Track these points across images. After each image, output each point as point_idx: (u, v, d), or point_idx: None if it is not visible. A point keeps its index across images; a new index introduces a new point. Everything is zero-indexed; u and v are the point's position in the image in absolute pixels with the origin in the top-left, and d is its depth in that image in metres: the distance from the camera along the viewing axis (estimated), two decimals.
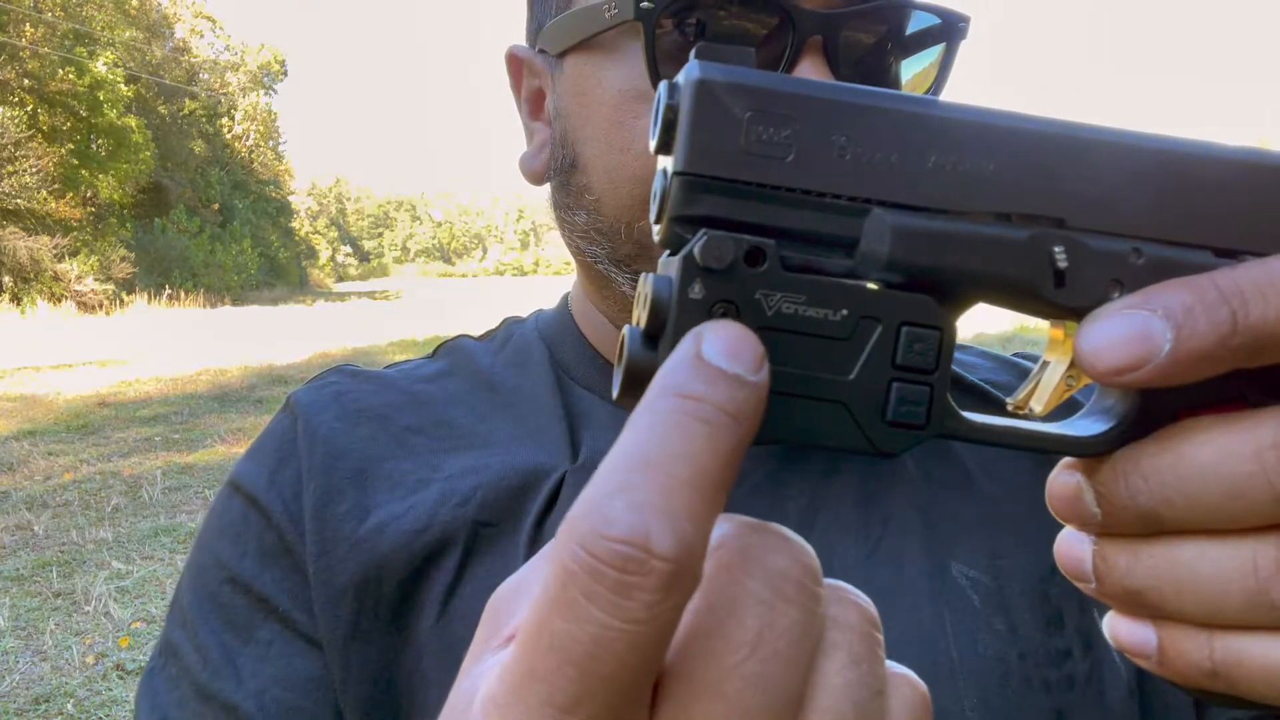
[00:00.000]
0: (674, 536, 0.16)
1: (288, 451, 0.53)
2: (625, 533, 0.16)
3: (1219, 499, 0.21)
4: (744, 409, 0.18)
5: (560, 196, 0.55)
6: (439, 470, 0.51)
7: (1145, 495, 0.22)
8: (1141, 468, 0.22)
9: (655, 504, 0.16)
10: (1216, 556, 0.21)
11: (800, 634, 0.18)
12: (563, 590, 0.16)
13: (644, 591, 0.16)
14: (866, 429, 0.22)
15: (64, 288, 20.98)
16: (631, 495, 0.16)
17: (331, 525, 0.50)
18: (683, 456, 0.17)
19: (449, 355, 0.61)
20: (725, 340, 0.19)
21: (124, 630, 3.37)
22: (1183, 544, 0.22)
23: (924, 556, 0.49)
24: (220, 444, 6.33)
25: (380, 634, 0.48)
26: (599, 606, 0.16)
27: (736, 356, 0.19)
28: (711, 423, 0.17)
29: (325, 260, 62.85)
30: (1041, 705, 0.46)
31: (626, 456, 0.17)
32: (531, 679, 0.16)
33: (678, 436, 0.17)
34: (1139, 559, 0.22)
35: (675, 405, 0.17)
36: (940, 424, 0.23)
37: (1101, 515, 0.23)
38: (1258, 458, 0.21)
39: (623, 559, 0.16)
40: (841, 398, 0.22)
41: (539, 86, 0.57)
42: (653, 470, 0.16)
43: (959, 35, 0.50)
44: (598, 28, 0.49)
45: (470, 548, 0.49)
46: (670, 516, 0.16)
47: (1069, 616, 0.49)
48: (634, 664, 0.16)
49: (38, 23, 22.85)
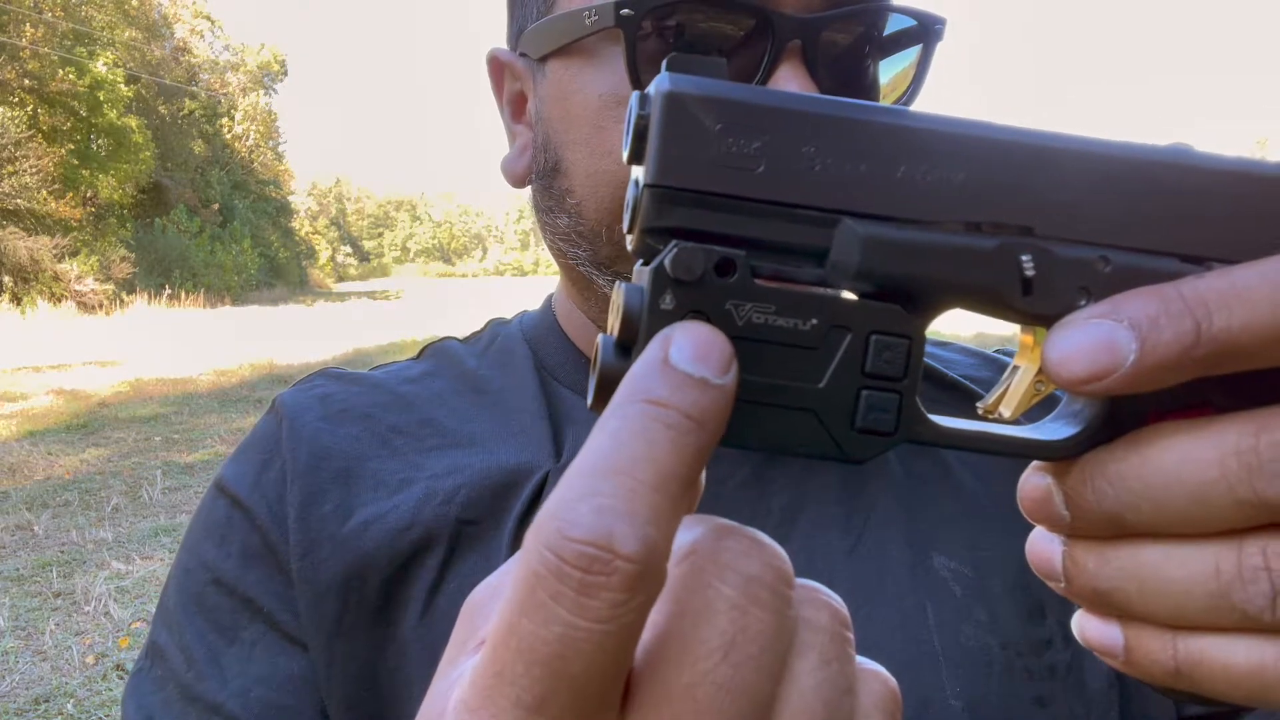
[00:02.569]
0: (637, 538, 0.16)
1: (272, 453, 0.54)
2: (589, 534, 0.16)
3: (1183, 504, 0.21)
4: (708, 413, 0.18)
5: (542, 199, 0.55)
6: (423, 470, 0.52)
7: (1111, 499, 0.22)
8: (1108, 473, 0.22)
9: (619, 507, 0.16)
10: (1181, 559, 0.22)
11: (772, 637, 0.18)
12: (530, 592, 0.16)
13: (609, 591, 0.16)
14: (836, 436, 0.23)
15: (64, 288, 20.98)
16: (596, 499, 0.16)
17: (315, 525, 0.50)
18: (646, 461, 0.17)
19: (434, 357, 0.61)
20: (693, 343, 0.19)
21: (124, 630, 3.37)
22: (1148, 547, 0.22)
23: (906, 549, 0.50)
24: (220, 444, 6.34)
25: (364, 632, 0.49)
26: (565, 607, 0.16)
27: (703, 359, 0.19)
28: (675, 427, 0.18)
29: (325, 260, 62.80)
30: (1023, 694, 0.47)
31: (591, 462, 0.17)
32: (500, 680, 0.16)
33: (642, 441, 0.17)
34: (1106, 560, 0.23)
35: (640, 411, 0.18)
36: (909, 430, 0.23)
37: (1070, 518, 0.23)
38: (1220, 464, 0.21)
39: (587, 560, 0.16)
40: (812, 405, 0.22)
41: (520, 89, 0.58)
42: (617, 475, 0.17)
43: (935, 37, 0.51)
44: (578, 34, 0.49)
45: (454, 546, 0.49)
46: (633, 519, 0.16)
47: (1049, 607, 0.49)
48: (601, 664, 0.16)
49: (38, 23, 22.84)
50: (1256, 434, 0.21)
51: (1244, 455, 0.21)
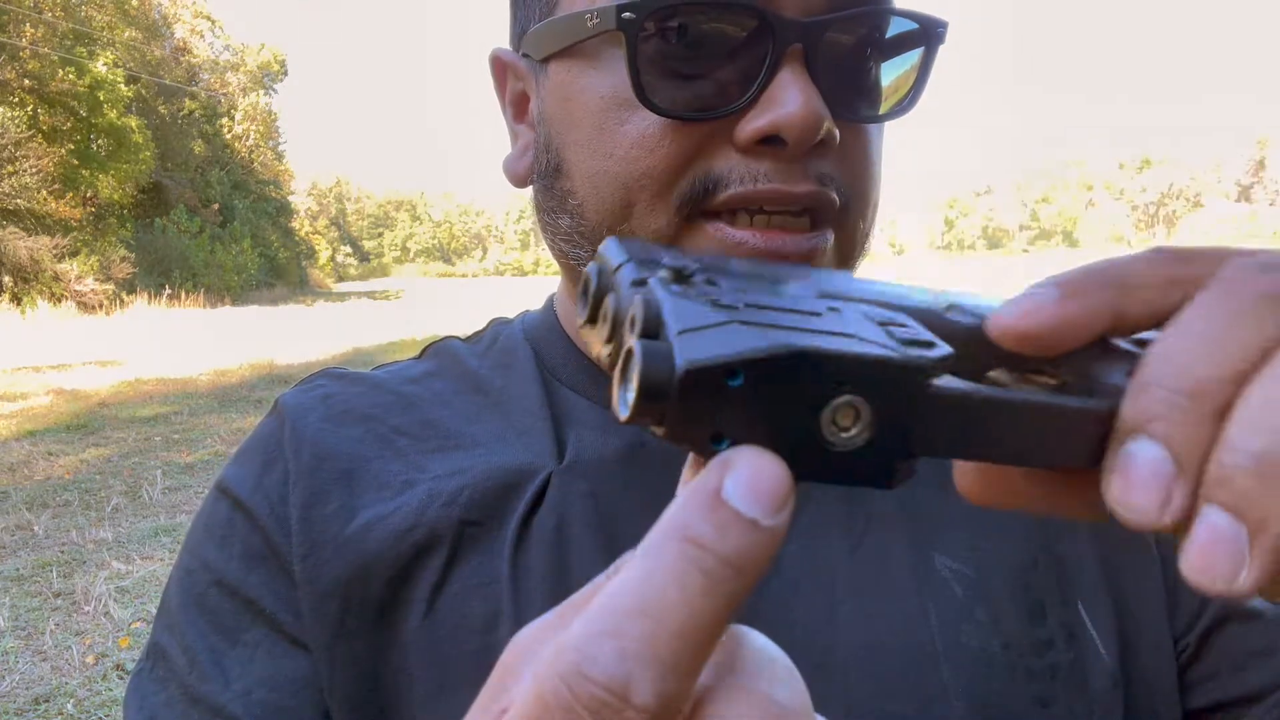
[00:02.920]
0: (655, 689, 0.16)
1: (274, 454, 0.54)
2: (606, 677, 0.16)
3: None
4: (750, 559, 0.18)
5: (544, 200, 0.55)
6: (425, 471, 0.52)
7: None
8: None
9: (641, 653, 0.16)
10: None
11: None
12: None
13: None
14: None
15: (64, 288, 20.98)
16: (619, 640, 0.16)
17: (318, 526, 0.50)
18: (678, 607, 0.17)
19: (436, 356, 0.61)
20: (750, 476, 0.18)
21: (124, 630, 3.37)
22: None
23: (907, 549, 0.50)
24: (220, 444, 6.34)
25: (367, 632, 0.49)
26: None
27: (758, 497, 0.18)
28: (712, 576, 0.17)
29: (325, 260, 62.81)
30: (1025, 694, 0.47)
31: (623, 598, 0.17)
32: None
33: (676, 586, 0.17)
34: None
35: (679, 551, 0.17)
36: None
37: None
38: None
39: (599, 704, 0.16)
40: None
41: (522, 90, 0.58)
42: (645, 618, 0.16)
43: (937, 40, 0.51)
44: (580, 36, 0.49)
45: (456, 547, 0.49)
46: (655, 667, 0.16)
47: (1051, 608, 0.49)
48: None
49: (38, 23, 22.84)
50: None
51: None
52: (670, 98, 0.47)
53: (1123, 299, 0.22)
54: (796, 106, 0.45)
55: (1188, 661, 0.52)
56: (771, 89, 0.46)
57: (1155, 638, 0.51)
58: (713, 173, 0.48)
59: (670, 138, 0.47)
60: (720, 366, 0.19)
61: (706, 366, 0.19)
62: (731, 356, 0.19)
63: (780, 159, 0.47)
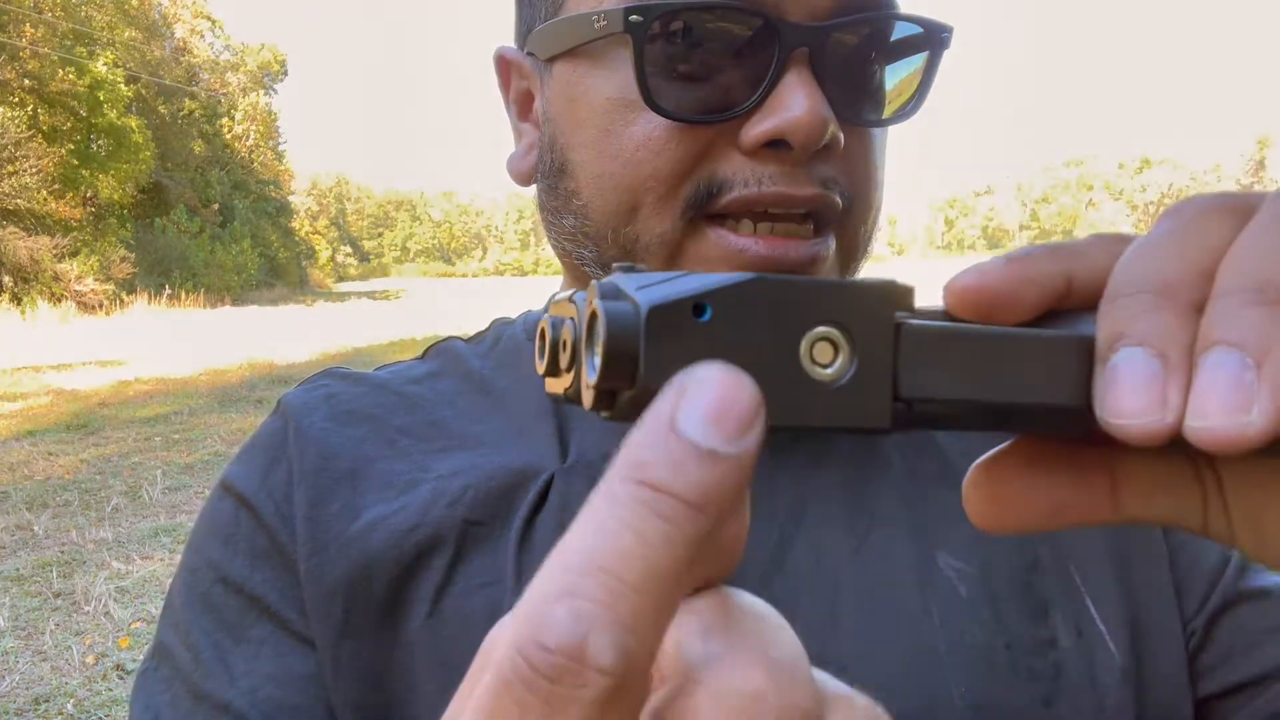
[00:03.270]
0: (615, 648, 0.15)
1: (279, 453, 0.54)
2: (561, 641, 0.14)
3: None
4: (712, 495, 0.16)
5: (548, 199, 0.55)
6: (429, 471, 0.52)
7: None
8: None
9: (597, 613, 0.15)
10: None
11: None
12: (496, 698, 0.15)
13: (580, 704, 0.14)
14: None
15: (64, 288, 20.98)
16: (573, 601, 0.15)
17: (323, 525, 0.50)
18: (635, 557, 0.15)
19: (439, 357, 0.61)
20: (706, 398, 0.16)
21: (124, 630, 3.37)
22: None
23: (911, 549, 0.50)
24: (220, 444, 6.34)
25: (371, 632, 0.49)
26: (532, 718, 0.15)
27: (716, 421, 0.16)
28: (671, 519, 0.16)
29: (325, 260, 62.81)
30: (1029, 693, 0.47)
31: (575, 554, 0.16)
32: None
33: (631, 534, 0.15)
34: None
35: (632, 495, 0.16)
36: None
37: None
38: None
39: (559, 671, 0.14)
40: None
41: (527, 89, 0.58)
42: (600, 572, 0.15)
43: (942, 45, 0.51)
44: (586, 37, 0.49)
45: (460, 547, 0.49)
46: (613, 626, 0.15)
47: (1055, 606, 0.49)
48: None
49: (38, 23, 22.83)
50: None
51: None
52: (676, 100, 0.47)
53: (1071, 264, 0.22)
54: (802, 110, 0.45)
55: (1197, 647, 0.51)
56: (777, 93, 0.46)
57: (1166, 628, 0.51)
58: (717, 176, 0.48)
59: (676, 140, 0.48)
60: (685, 300, 0.19)
61: (671, 301, 0.18)
62: (696, 291, 0.19)
63: (785, 162, 0.47)
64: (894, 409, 0.20)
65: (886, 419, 0.20)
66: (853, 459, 0.53)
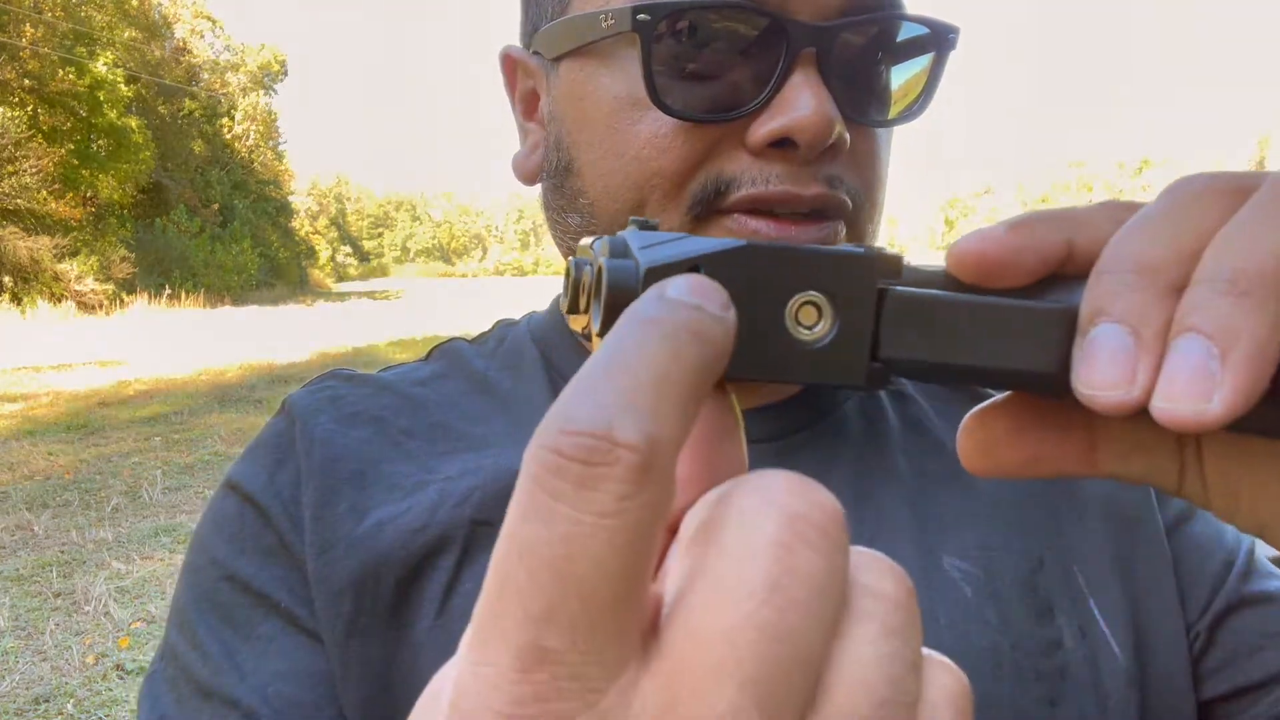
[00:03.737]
0: (637, 427, 0.15)
1: (285, 453, 0.54)
2: (587, 426, 0.15)
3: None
4: (708, 331, 0.18)
5: (553, 198, 0.55)
6: (436, 472, 0.52)
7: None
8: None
9: (617, 401, 0.16)
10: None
11: (824, 581, 0.17)
12: (530, 496, 0.15)
13: (611, 482, 0.15)
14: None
15: (64, 288, 20.99)
16: (594, 395, 0.16)
17: (330, 525, 0.50)
18: (644, 363, 0.16)
19: (443, 358, 0.61)
20: (689, 283, 0.18)
21: (124, 630, 3.37)
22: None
23: (916, 550, 0.50)
24: (220, 444, 6.34)
25: (379, 632, 0.49)
26: (567, 503, 0.15)
27: (700, 291, 0.18)
28: (673, 338, 0.17)
29: (325, 260, 62.82)
30: (1034, 694, 0.47)
31: (588, 368, 0.17)
32: (505, 591, 0.15)
33: (638, 349, 0.17)
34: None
35: (638, 327, 0.17)
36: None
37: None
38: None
39: (587, 450, 0.15)
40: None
41: (533, 88, 0.58)
42: (614, 376, 0.16)
43: (948, 45, 0.51)
44: (594, 36, 0.49)
45: (468, 547, 0.49)
46: (633, 410, 0.16)
47: (1060, 607, 0.49)
48: (610, 568, 0.15)
49: (38, 23, 22.84)
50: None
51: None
52: (683, 99, 0.47)
53: (1071, 230, 0.23)
54: (809, 110, 0.45)
55: (1201, 650, 0.51)
56: (784, 92, 0.46)
57: (1169, 631, 0.51)
58: (724, 174, 0.48)
59: (682, 139, 0.48)
60: (681, 262, 0.20)
61: (668, 263, 0.20)
62: (691, 254, 0.20)
63: (791, 161, 0.47)
64: (870, 369, 0.22)
65: (861, 377, 0.22)
66: (860, 461, 0.53)
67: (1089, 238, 0.23)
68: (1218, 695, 0.51)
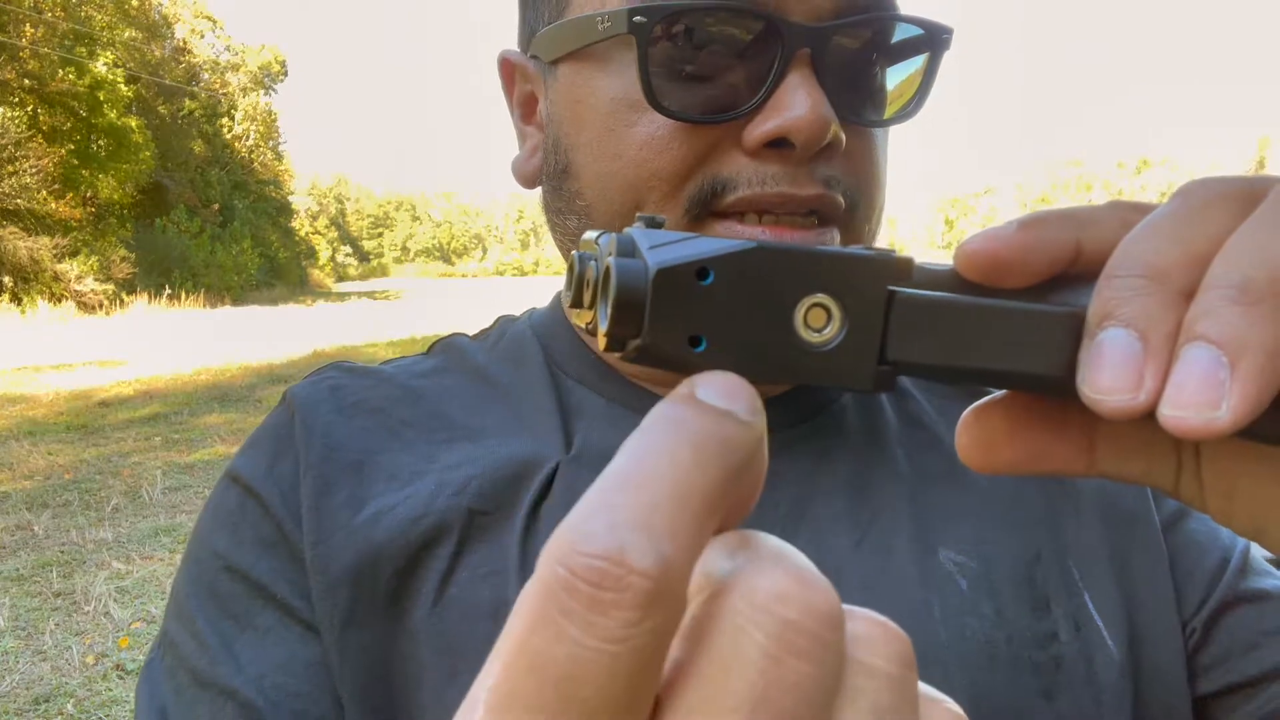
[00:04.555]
0: (652, 553, 0.15)
1: (285, 444, 0.54)
2: (601, 548, 0.15)
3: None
4: (736, 439, 0.17)
5: (552, 200, 0.56)
6: (435, 461, 0.52)
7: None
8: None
9: (633, 521, 0.16)
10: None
11: (811, 690, 0.17)
12: (540, 609, 0.16)
13: (620, 609, 0.15)
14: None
15: (64, 288, 20.99)
16: (611, 514, 0.16)
17: (329, 514, 0.51)
18: (667, 477, 0.16)
19: (444, 352, 0.62)
20: (720, 380, 0.18)
21: (124, 630, 3.38)
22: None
23: (912, 543, 0.50)
24: (220, 444, 6.34)
25: (376, 620, 0.49)
26: (575, 625, 0.15)
27: (730, 394, 0.18)
28: (701, 448, 0.17)
29: (325, 260, 62.82)
30: (1029, 686, 0.47)
31: (609, 478, 0.17)
32: (513, 700, 0.16)
33: (664, 458, 0.17)
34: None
35: (664, 430, 0.17)
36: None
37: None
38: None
39: (598, 574, 0.15)
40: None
41: (531, 91, 0.58)
42: (635, 490, 0.16)
43: (943, 46, 0.52)
44: (591, 38, 0.50)
45: (465, 536, 0.50)
46: (649, 533, 0.16)
47: (1055, 600, 0.50)
48: (613, 691, 0.15)
49: (38, 23, 22.84)
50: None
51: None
52: (680, 101, 0.47)
53: (1080, 230, 0.23)
54: (804, 110, 0.45)
55: (1196, 646, 0.52)
56: (780, 93, 0.47)
57: (1164, 627, 0.51)
58: (721, 175, 0.48)
59: (679, 140, 0.48)
60: (690, 264, 0.20)
61: (677, 265, 0.20)
62: (701, 255, 0.20)
63: (787, 162, 0.48)
64: (878, 372, 0.22)
65: (869, 381, 0.22)
66: (858, 455, 0.53)
67: (1097, 238, 0.23)
68: (1213, 691, 0.51)
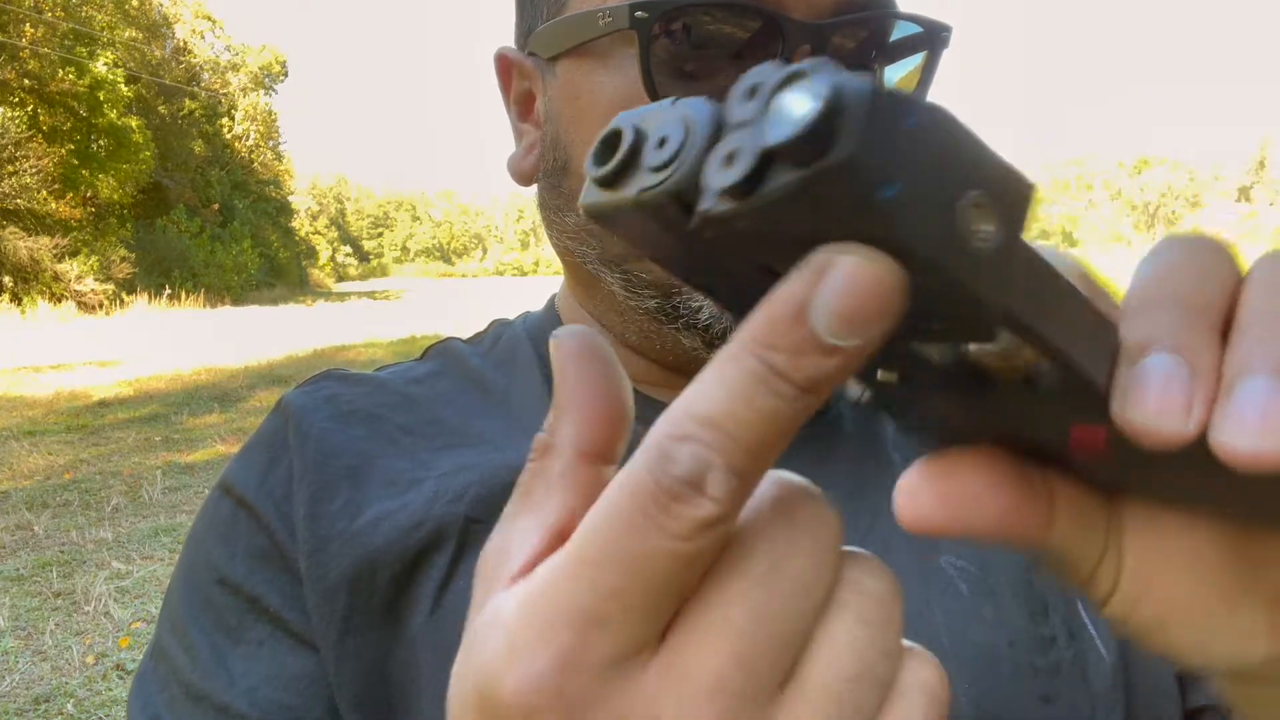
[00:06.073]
0: (725, 486, 0.18)
1: (279, 451, 0.54)
2: (685, 471, 0.18)
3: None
4: (825, 382, 0.18)
5: (550, 198, 0.56)
6: (431, 468, 0.52)
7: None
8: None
9: (714, 459, 0.18)
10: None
11: (810, 579, 0.20)
12: (623, 503, 0.19)
13: (688, 523, 0.18)
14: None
15: (64, 288, 20.99)
16: (694, 446, 0.18)
17: (324, 522, 0.50)
18: (745, 423, 0.18)
19: (439, 357, 0.62)
20: (842, 289, 0.17)
21: (124, 630, 3.38)
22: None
23: (912, 548, 0.50)
24: (220, 444, 6.34)
25: (373, 628, 0.49)
26: (654, 524, 0.18)
27: (849, 318, 0.17)
28: (784, 398, 0.18)
29: (325, 260, 62.84)
30: (1030, 691, 0.47)
31: (700, 405, 0.18)
32: (583, 565, 0.19)
33: (746, 405, 0.18)
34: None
35: (753, 371, 0.18)
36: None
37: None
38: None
39: (678, 492, 0.18)
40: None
41: (528, 88, 0.58)
42: (716, 430, 0.18)
43: (941, 44, 0.52)
44: (591, 35, 0.49)
45: (462, 544, 0.49)
46: (724, 470, 0.18)
47: (1053, 606, 0.50)
48: (672, 575, 0.19)
49: (38, 23, 22.85)
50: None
51: None
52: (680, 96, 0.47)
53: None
54: None
55: None
56: None
57: None
58: None
59: None
60: (907, 100, 0.17)
61: (898, 93, 0.17)
62: (914, 96, 0.18)
63: None
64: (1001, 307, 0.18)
65: (999, 315, 0.18)
66: (855, 460, 0.53)
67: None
68: (1203, 705, 0.51)
